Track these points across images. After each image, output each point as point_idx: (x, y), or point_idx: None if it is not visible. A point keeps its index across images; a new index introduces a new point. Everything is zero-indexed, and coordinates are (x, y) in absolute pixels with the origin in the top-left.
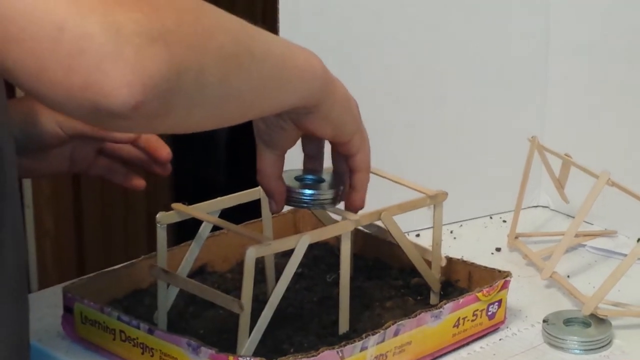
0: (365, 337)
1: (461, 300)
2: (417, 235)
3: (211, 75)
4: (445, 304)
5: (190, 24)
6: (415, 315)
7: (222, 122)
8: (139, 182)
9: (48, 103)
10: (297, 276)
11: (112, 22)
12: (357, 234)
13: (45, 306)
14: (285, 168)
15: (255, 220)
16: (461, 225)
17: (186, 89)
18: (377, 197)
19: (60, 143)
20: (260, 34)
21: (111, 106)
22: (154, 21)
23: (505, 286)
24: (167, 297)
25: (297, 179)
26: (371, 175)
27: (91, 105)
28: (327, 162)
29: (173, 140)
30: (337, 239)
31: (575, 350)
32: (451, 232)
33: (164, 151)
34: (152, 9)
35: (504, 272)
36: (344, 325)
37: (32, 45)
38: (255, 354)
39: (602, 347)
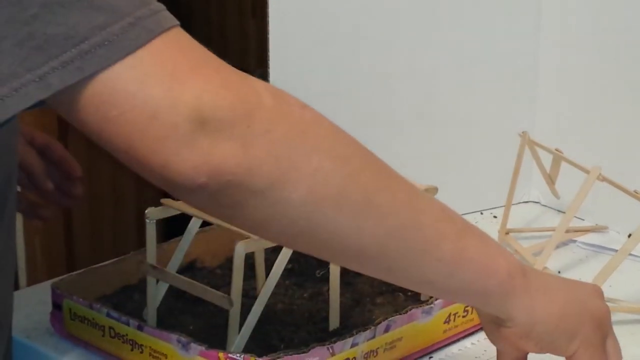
0: (356, 333)
1: None
2: None
3: (294, 193)
4: (436, 300)
5: (284, 135)
6: (406, 311)
7: (315, 252)
8: (45, 213)
9: (126, 165)
10: (287, 272)
11: (199, 115)
12: None
13: (34, 302)
14: None
15: None
16: None
17: (258, 193)
18: None
19: None
20: (411, 196)
21: (182, 183)
22: (240, 121)
23: None
24: (156, 293)
25: None
26: None
27: (166, 179)
28: None
29: None
30: None
31: None
32: None
33: (76, 169)
34: (245, 111)
35: None
36: (334, 321)
37: (125, 128)
38: (245, 350)
39: None
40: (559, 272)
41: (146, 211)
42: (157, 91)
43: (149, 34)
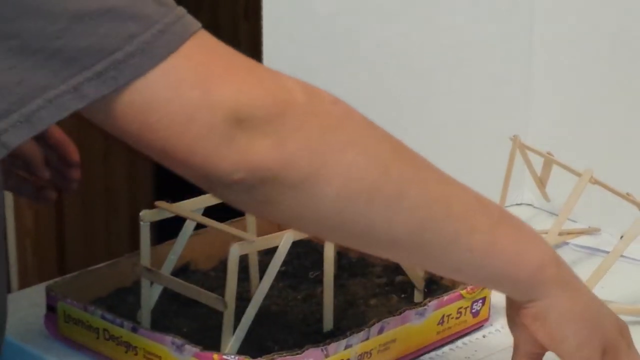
0: (350, 334)
1: (445, 298)
2: None
3: (328, 187)
4: (429, 301)
5: (317, 130)
6: (400, 313)
7: (348, 243)
8: (50, 195)
9: (163, 164)
10: (280, 274)
11: (236, 114)
12: None
13: (28, 305)
14: None
15: (239, 218)
16: None
17: (293, 188)
18: None
19: None
20: (443, 186)
21: (220, 180)
22: (275, 119)
23: None
24: (150, 295)
25: None
26: None
27: (205, 177)
28: None
29: None
30: None
31: None
32: None
33: (74, 153)
34: (279, 109)
35: None
36: (328, 323)
37: (164, 133)
38: (239, 352)
39: None
40: None
41: (140, 213)
42: (194, 95)
43: (179, 39)
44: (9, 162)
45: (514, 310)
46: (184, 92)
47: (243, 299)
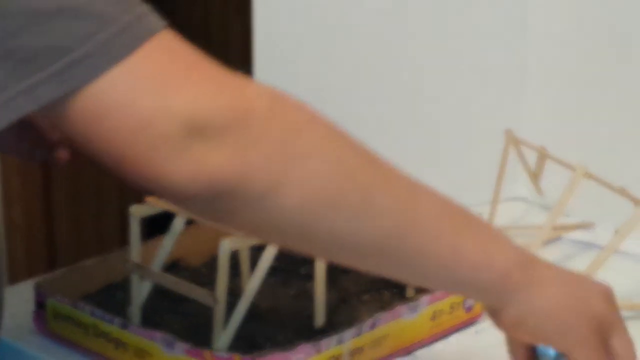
0: (342, 330)
1: (438, 293)
2: None
3: (288, 200)
4: (421, 296)
5: (279, 139)
6: (392, 308)
7: (311, 253)
8: (63, 155)
9: (117, 175)
10: (272, 270)
11: (193, 123)
12: None
13: (17, 302)
14: None
15: None
16: None
17: (253, 200)
18: None
19: None
20: (409, 193)
21: (176, 192)
22: (234, 128)
23: None
24: (140, 291)
25: None
26: None
27: (160, 188)
28: None
29: None
30: None
31: None
32: None
33: None
34: (238, 118)
35: None
36: (320, 319)
37: (117, 139)
38: (230, 349)
39: None
40: None
41: (130, 208)
42: (150, 100)
43: (137, 41)
44: (21, 129)
45: (493, 318)
46: (139, 97)
47: (234, 295)
